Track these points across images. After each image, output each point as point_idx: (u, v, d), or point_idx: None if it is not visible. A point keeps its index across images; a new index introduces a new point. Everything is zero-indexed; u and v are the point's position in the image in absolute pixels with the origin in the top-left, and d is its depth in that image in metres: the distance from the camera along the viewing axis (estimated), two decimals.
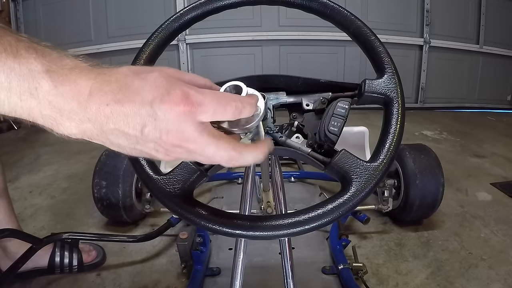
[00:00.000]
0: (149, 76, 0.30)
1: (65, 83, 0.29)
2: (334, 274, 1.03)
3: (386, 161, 0.41)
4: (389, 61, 0.48)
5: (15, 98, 0.28)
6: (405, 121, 0.45)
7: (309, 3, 0.51)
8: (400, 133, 0.43)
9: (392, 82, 0.46)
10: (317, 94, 0.52)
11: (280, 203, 0.78)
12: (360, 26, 0.50)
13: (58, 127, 0.30)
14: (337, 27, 0.52)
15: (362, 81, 0.47)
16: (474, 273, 1.08)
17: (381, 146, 0.43)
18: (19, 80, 0.28)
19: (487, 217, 1.40)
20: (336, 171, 0.42)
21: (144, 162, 0.43)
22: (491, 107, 3.43)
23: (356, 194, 0.39)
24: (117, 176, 1.19)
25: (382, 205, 1.29)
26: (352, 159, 0.41)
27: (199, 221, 0.39)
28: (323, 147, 0.47)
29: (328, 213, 0.38)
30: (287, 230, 0.38)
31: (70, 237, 1.09)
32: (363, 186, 0.40)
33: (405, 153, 1.26)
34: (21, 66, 0.28)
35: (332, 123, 0.47)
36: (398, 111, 0.44)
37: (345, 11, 0.50)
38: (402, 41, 3.12)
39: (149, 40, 0.50)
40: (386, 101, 0.46)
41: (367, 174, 0.40)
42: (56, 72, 0.29)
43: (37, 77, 0.29)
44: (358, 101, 0.49)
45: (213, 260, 1.10)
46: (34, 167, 1.95)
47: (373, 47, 0.49)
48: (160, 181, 0.41)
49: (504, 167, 1.93)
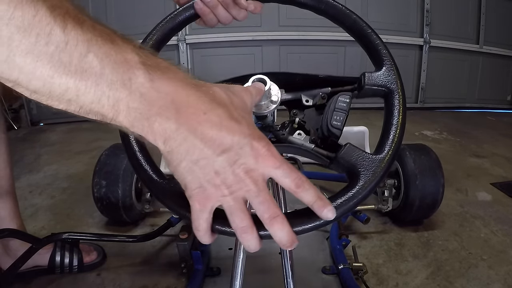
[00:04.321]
0: (245, 114, 0.33)
1: (162, 79, 0.29)
2: (334, 274, 1.03)
3: (392, 152, 0.41)
4: (387, 53, 0.47)
5: (103, 86, 0.27)
6: (406, 111, 0.45)
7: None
8: (402, 123, 0.43)
9: (391, 73, 0.46)
10: (316, 90, 0.52)
11: (280, 203, 0.78)
12: (356, 20, 0.49)
13: (142, 122, 0.29)
14: (332, 22, 0.52)
15: (361, 74, 0.47)
16: (474, 273, 1.08)
17: (385, 137, 0.43)
18: (113, 67, 0.27)
19: (487, 217, 1.40)
20: (342, 165, 0.41)
21: (147, 166, 0.42)
22: (491, 107, 3.43)
23: (365, 187, 0.39)
24: (117, 176, 1.19)
25: (382, 205, 1.29)
26: (357, 152, 0.41)
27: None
28: (326, 142, 0.47)
29: (338, 207, 0.38)
30: (296, 228, 0.37)
31: (70, 237, 1.09)
32: (371, 178, 0.39)
33: (406, 153, 1.26)
34: (117, 54, 0.27)
35: (334, 117, 0.47)
36: (400, 102, 0.44)
37: (340, 5, 0.50)
38: (402, 41, 3.11)
39: (157, 26, 0.51)
40: (387, 93, 0.46)
41: (374, 166, 0.40)
42: (152, 66, 0.29)
43: (133, 67, 0.28)
44: (359, 95, 0.49)
45: (213, 260, 1.10)
46: (34, 167, 1.94)
47: (370, 40, 0.49)
48: (163, 185, 0.41)
49: (504, 167, 1.93)
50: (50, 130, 2.78)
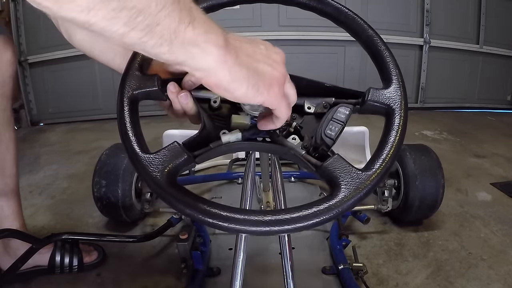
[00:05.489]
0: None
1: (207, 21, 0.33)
2: (334, 274, 1.03)
3: (380, 172, 0.40)
4: (397, 72, 0.47)
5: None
6: (405, 134, 0.44)
7: (325, 7, 0.51)
8: (398, 145, 0.43)
9: (397, 93, 0.46)
10: (320, 98, 0.52)
11: (280, 203, 0.78)
12: (372, 35, 0.50)
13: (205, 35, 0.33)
14: (348, 32, 0.52)
15: (367, 90, 0.47)
16: (474, 273, 1.08)
17: (376, 155, 0.42)
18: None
19: (487, 217, 1.40)
20: (327, 174, 0.41)
21: (133, 138, 0.43)
22: (491, 107, 3.43)
23: (343, 201, 0.38)
24: (117, 176, 1.19)
25: (382, 205, 1.29)
26: (344, 164, 0.41)
27: (174, 202, 0.38)
28: (317, 150, 0.47)
29: (311, 216, 0.37)
30: (266, 227, 0.37)
31: (70, 237, 1.09)
32: (352, 193, 0.39)
33: (406, 153, 1.26)
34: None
35: (329, 127, 0.46)
36: (399, 123, 0.44)
37: (359, 18, 0.51)
38: (402, 41, 3.11)
39: None
40: (388, 112, 0.45)
41: (358, 182, 0.39)
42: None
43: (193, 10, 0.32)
44: (361, 109, 0.49)
45: (213, 260, 1.10)
46: (34, 167, 1.95)
47: (383, 56, 0.49)
48: (145, 159, 0.41)
49: (504, 167, 1.93)
50: (50, 130, 2.78)
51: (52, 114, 3.01)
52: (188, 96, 0.49)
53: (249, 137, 0.48)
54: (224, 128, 0.49)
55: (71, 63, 2.80)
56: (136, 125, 0.44)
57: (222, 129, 0.49)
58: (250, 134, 0.48)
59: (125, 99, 0.45)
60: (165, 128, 1.67)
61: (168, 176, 0.40)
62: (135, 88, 0.46)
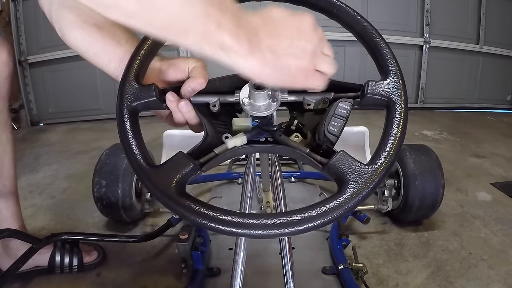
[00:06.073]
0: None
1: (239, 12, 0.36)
2: (334, 274, 1.03)
3: (386, 165, 0.40)
4: (395, 63, 0.47)
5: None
6: (407, 125, 0.44)
7: (316, 1, 0.50)
8: (401, 136, 0.42)
9: (396, 85, 0.46)
10: (319, 94, 0.52)
11: (280, 203, 0.78)
12: (366, 27, 0.49)
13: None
14: (343, 26, 0.51)
15: (366, 82, 0.47)
16: (474, 273, 1.08)
17: (381, 149, 0.42)
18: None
19: (487, 217, 1.40)
20: (333, 172, 0.41)
21: (137, 152, 0.42)
22: (491, 107, 3.43)
23: (352, 197, 0.38)
24: (117, 176, 1.19)
25: (382, 205, 1.29)
26: (350, 160, 0.41)
27: (185, 213, 0.38)
28: (321, 147, 0.47)
29: (322, 215, 0.37)
30: (278, 230, 0.37)
31: (70, 237, 1.09)
32: (360, 189, 0.39)
33: (406, 153, 1.26)
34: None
35: (332, 123, 0.46)
36: (401, 114, 0.44)
37: (352, 10, 0.50)
38: (402, 41, 3.11)
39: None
40: (389, 103, 0.45)
41: (365, 177, 0.39)
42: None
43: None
44: (360, 103, 0.48)
45: (213, 260, 1.10)
46: (34, 167, 1.95)
47: (379, 48, 0.48)
48: (152, 173, 0.41)
49: (504, 167, 1.93)
50: (50, 130, 2.79)
51: (52, 114, 3.01)
52: (189, 104, 0.49)
53: (251, 139, 0.48)
54: (226, 132, 0.49)
55: (71, 63, 2.80)
56: (139, 138, 0.44)
57: (224, 133, 0.49)
58: (252, 136, 0.48)
59: (125, 111, 0.45)
60: (165, 128, 1.67)
61: (177, 188, 0.40)
62: (134, 100, 0.46)
